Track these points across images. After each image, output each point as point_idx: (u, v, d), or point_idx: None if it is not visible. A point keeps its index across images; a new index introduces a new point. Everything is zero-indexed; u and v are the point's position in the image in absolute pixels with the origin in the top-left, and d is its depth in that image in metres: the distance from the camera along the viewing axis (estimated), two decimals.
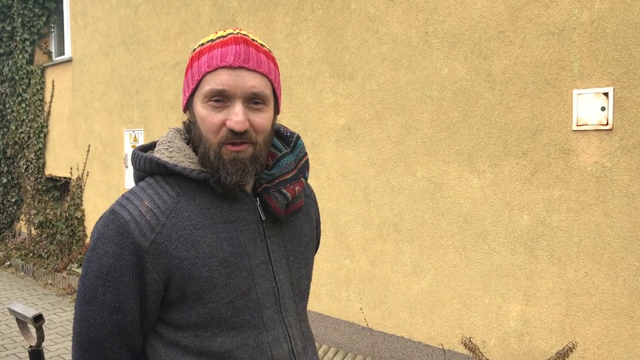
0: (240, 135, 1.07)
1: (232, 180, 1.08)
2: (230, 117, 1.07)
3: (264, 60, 1.11)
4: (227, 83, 1.06)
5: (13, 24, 8.41)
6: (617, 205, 2.82)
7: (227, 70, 1.07)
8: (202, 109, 1.09)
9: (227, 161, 1.08)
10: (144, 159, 1.14)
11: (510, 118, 3.18)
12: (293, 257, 1.22)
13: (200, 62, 1.10)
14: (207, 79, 1.08)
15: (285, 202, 1.17)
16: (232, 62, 1.07)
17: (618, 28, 2.78)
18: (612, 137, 2.82)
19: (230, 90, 1.07)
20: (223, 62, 1.07)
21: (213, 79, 1.07)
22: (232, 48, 1.08)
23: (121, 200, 1.10)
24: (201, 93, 1.09)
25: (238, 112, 1.06)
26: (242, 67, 1.07)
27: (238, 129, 1.06)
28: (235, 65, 1.07)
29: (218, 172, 1.08)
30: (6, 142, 8.77)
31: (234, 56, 1.07)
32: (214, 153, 1.08)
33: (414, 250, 3.70)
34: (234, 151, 1.08)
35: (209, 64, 1.08)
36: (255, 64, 1.09)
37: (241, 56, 1.07)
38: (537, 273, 3.11)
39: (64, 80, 7.85)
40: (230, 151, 1.08)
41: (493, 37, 3.24)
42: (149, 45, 6.11)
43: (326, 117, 4.21)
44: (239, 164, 1.08)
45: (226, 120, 1.07)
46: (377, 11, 3.84)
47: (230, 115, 1.07)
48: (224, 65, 1.07)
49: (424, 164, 3.61)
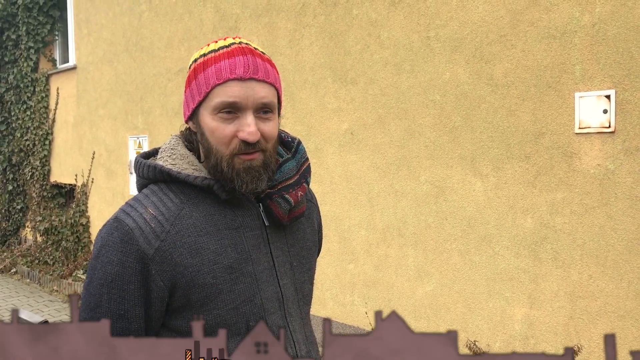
0: (253, 145, 1.08)
1: (247, 188, 1.09)
2: (242, 129, 1.07)
3: (269, 69, 1.11)
4: (239, 95, 1.06)
5: (18, 32, 8.47)
6: (620, 208, 2.82)
7: (237, 82, 1.07)
8: (212, 121, 1.09)
9: (242, 170, 1.08)
10: (147, 166, 1.15)
11: (513, 121, 3.18)
12: (296, 262, 1.23)
13: (207, 73, 1.09)
14: (216, 91, 1.08)
15: (288, 208, 1.17)
16: (242, 74, 1.07)
17: (619, 31, 2.78)
18: (615, 140, 2.82)
19: (242, 102, 1.07)
20: (233, 74, 1.07)
21: (224, 92, 1.07)
22: (240, 59, 1.08)
23: (125, 207, 1.10)
24: (210, 105, 1.09)
25: (250, 124, 1.06)
26: (252, 78, 1.08)
27: (252, 140, 1.06)
28: (246, 77, 1.07)
29: (232, 182, 1.09)
30: (11, 149, 8.80)
31: (244, 68, 1.07)
32: (226, 164, 1.08)
33: (418, 254, 3.70)
34: (248, 160, 1.08)
35: (217, 76, 1.08)
36: (263, 74, 1.09)
37: (250, 68, 1.08)
38: (541, 276, 3.11)
39: (68, 87, 7.89)
40: (243, 160, 1.08)
41: (494, 41, 3.25)
42: (153, 52, 6.14)
43: (329, 122, 4.22)
44: (254, 172, 1.09)
45: (238, 132, 1.07)
46: (378, 16, 3.86)
47: (242, 126, 1.07)
48: (234, 77, 1.07)
49: (427, 168, 3.61)
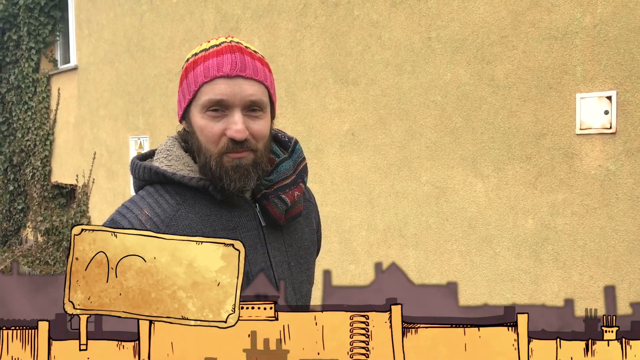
0: (241, 144, 1.07)
1: (235, 187, 1.09)
2: (229, 127, 1.07)
3: (259, 67, 1.11)
4: (225, 92, 1.07)
5: (19, 33, 8.48)
6: (621, 209, 2.81)
7: (224, 79, 1.07)
8: (201, 119, 1.09)
9: (230, 168, 1.08)
10: (142, 168, 1.15)
11: (514, 122, 3.17)
12: (294, 262, 1.23)
13: (196, 72, 1.10)
14: (204, 89, 1.08)
15: (285, 208, 1.17)
16: (229, 71, 1.07)
17: (621, 32, 2.77)
18: (616, 141, 2.81)
19: (229, 100, 1.07)
20: (220, 72, 1.07)
21: (211, 89, 1.07)
22: (228, 57, 1.08)
23: (121, 209, 1.10)
24: (199, 103, 1.09)
25: (237, 121, 1.06)
26: (239, 75, 1.08)
27: (238, 137, 1.06)
28: (232, 75, 1.07)
29: (221, 180, 1.09)
30: (12, 149, 8.82)
31: (231, 65, 1.07)
32: (215, 162, 1.08)
33: (418, 255, 3.69)
34: (236, 158, 1.08)
35: (205, 74, 1.08)
36: (251, 72, 1.09)
37: (237, 65, 1.08)
38: (542, 277, 3.10)
39: (69, 88, 7.90)
40: (232, 158, 1.08)
41: (496, 42, 3.24)
42: (154, 53, 6.15)
43: (330, 123, 4.22)
44: (242, 170, 1.09)
45: (226, 130, 1.07)
46: (380, 17, 3.85)
47: (229, 124, 1.07)
48: (220, 75, 1.07)
49: (428, 169, 3.61)
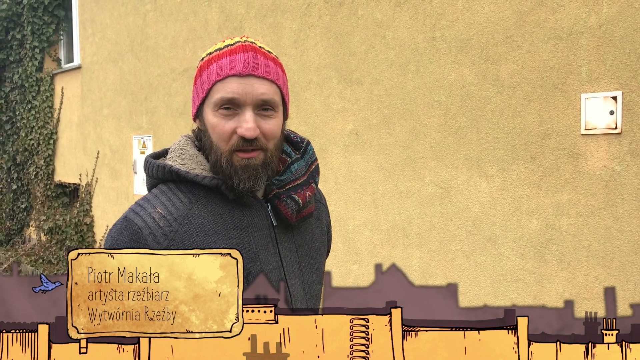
0: (251, 142, 1.08)
1: (244, 187, 1.09)
2: (240, 125, 1.08)
3: (272, 67, 1.12)
4: (237, 91, 1.08)
5: (23, 32, 8.50)
6: (626, 209, 2.81)
7: (236, 78, 1.08)
8: (213, 117, 1.10)
9: (239, 168, 1.09)
10: (156, 167, 1.15)
11: (519, 122, 3.17)
12: (305, 262, 1.23)
13: (210, 70, 1.11)
14: (216, 87, 1.09)
15: (297, 208, 1.17)
16: (241, 70, 1.08)
17: (626, 32, 2.77)
18: (621, 141, 2.81)
19: (240, 98, 1.08)
20: (232, 71, 1.08)
21: (223, 88, 1.08)
22: (241, 56, 1.09)
23: (134, 207, 1.11)
24: (211, 101, 1.10)
25: (248, 120, 1.07)
26: (251, 74, 1.08)
27: (249, 136, 1.07)
28: (245, 73, 1.08)
29: (230, 179, 1.09)
30: (16, 148, 8.83)
31: (243, 64, 1.08)
32: (225, 160, 1.09)
33: (422, 255, 3.70)
34: (245, 158, 1.09)
35: (218, 72, 1.09)
36: (264, 71, 1.10)
37: (250, 64, 1.09)
38: (546, 278, 3.10)
39: (73, 87, 7.91)
40: (241, 158, 1.09)
41: (500, 42, 3.24)
42: (158, 52, 6.15)
43: (334, 123, 4.22)
44: (251, 170, 1.09)
45: (237, 128, 1.08)
46: (384, 17, 3.86)
47: (240, 122, 1.08)
48: (233, 74, 1.08)
49: (432, 169, 3.61)
